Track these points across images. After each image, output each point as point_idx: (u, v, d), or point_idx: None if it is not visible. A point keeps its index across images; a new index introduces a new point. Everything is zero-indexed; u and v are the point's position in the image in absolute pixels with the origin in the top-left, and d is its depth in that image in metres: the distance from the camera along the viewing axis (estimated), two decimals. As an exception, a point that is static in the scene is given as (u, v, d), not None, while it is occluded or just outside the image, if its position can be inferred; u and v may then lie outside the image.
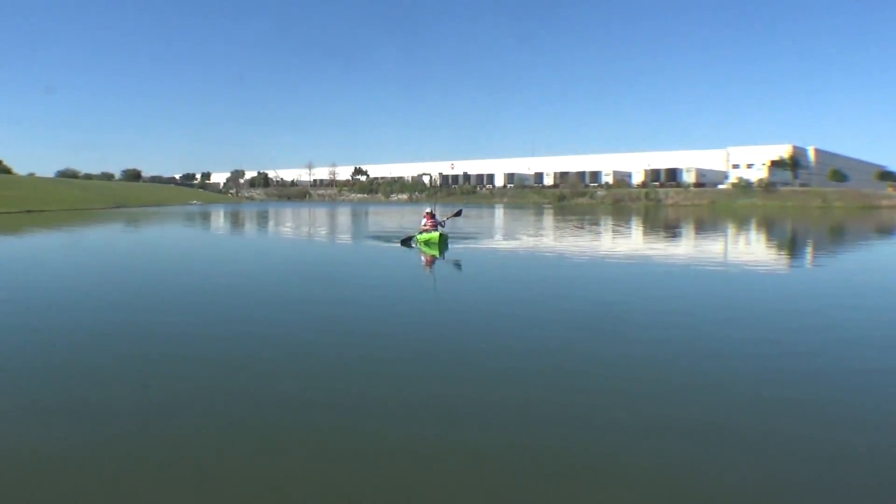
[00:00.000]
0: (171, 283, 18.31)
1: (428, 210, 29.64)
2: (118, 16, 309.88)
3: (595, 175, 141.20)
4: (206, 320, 12.94)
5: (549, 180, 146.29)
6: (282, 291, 16.93)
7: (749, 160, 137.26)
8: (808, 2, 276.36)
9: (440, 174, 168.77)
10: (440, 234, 27.21)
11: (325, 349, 10.46)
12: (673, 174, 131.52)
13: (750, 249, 31.18)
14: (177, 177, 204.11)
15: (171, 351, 10.30)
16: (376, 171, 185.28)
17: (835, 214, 75.82)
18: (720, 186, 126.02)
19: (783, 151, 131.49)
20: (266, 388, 8.42)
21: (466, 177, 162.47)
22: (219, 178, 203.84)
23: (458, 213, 34.36)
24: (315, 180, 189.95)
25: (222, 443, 6.77)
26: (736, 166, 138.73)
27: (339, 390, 8.34)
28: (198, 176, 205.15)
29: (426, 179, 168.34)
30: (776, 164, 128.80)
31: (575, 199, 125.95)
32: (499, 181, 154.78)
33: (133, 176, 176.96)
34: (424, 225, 28.77)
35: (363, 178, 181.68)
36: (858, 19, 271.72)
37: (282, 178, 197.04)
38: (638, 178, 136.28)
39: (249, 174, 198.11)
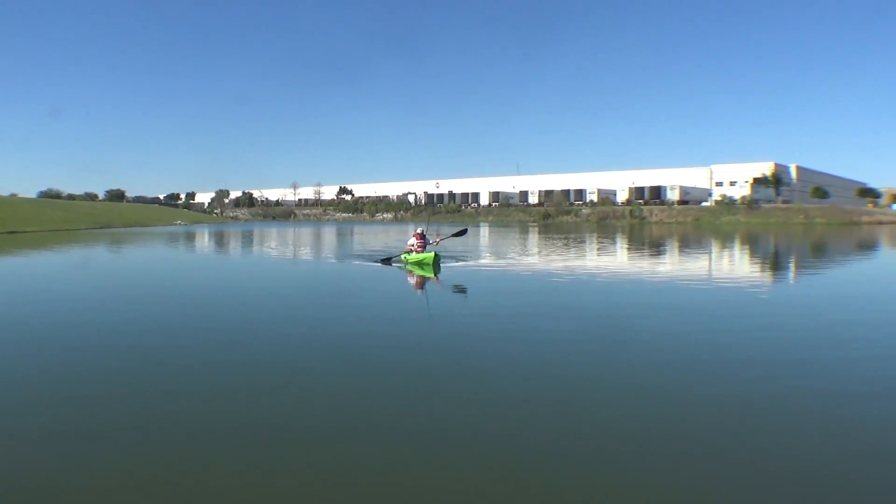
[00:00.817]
0: (158, 304, 18.06)
1: (419, 230, 28.94)
2: (100, 40, 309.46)
3: (580, 193, 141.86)
4: (196, 341, 12.69)
5: (534, 199, 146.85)
6: (270, 311, 16.73)
7: (732, 178, 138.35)
8: (788, 22, 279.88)
9: (425, 193, 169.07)
10: (435, 255, 26.81)
11: (317, 367, 10.41)
12: (657, 192, 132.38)
13: (734, 266, 31.30)
14: (161, 197, 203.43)
15: (160, 370, 10.17)
16: (361, 190, 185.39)
17: (817, 231, 76.35)
18: (704, 204, 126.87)
19: (766, 169, 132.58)
20: (256, 407, 8.36)
21: (452, 195, 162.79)
22: (203, 197, 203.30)
23: (463, 233, 33.42)
24: (300, 200, 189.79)
25: (212, 460, 6.74)
26: (719, 184, 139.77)
27: (333, 409, 8.30)
28: (182, 196, 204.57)
29: (411, 198, 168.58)
30: (759, 182, 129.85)
31: (560, 217, 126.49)
32: (484, 200, 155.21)
33: (117, 196, 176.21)
34: (413, 245, 28.11)
35: (348, 197, 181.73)
36: (839, 39, 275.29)
37: (266, 198, 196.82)
38: (622, 196, 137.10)
39: (234, 194, 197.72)
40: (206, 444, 7.15)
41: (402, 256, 28.34)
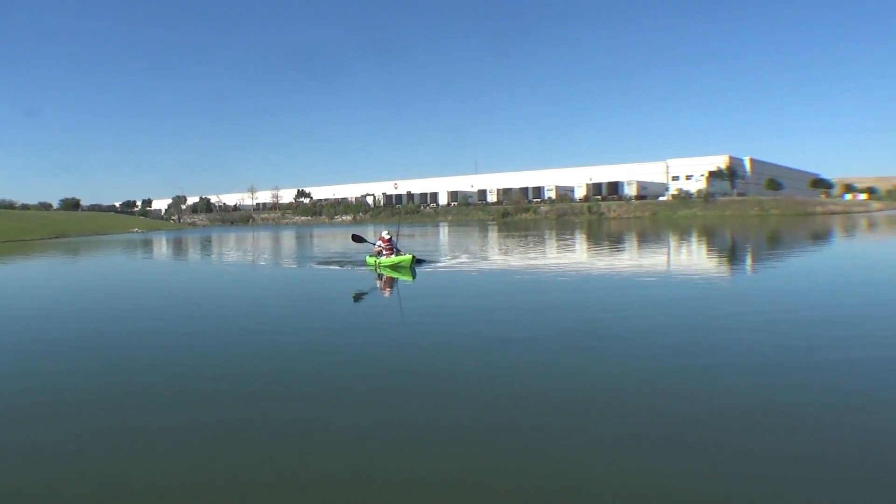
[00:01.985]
0: (134, 318, 17.42)
1: (385, 234, 28.02)
2: (55, 46, 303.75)
3: (538, 190, 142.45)
4: (175, 347, 12.67)
5: (492, 197, 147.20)
6: (242, 318, 16.42)
7: (688, 172, 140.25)
8: (741, 19, 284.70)
9: (384, 194, 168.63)
10: (413, 257, 26.26)
11: (298, 369, 10.49)
12: (614, 187, 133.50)
13: (691, 259, 31.52)
14: (117, 204, 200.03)
15: (143, 382, 10.05)
16: (319, 192, 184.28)
17: (772, 222, 77.56)
18: (661, 198, 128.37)
19: (720, 162, 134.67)
20: (238, 409, 8.47)
21: (410, 196, 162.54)
22: (160, 204, 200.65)
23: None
24: (258, 204, 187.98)
25: (195, 468, 6.74)
26: (676, 178, 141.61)
27: (318, 408, 8.41)
28: (138, 203, 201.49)
29: (370, 200, 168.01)
30: (714, 175, 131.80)
31: (518, 214, 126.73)
32: (443, 199, 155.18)
33: (72, 205, 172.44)
34: (380, 248, 27.35)
35: (306, 200, 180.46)
36: (791, 34, 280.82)
37: (224, 203, 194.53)
38: (580, 193, 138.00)
39: (191, 200, 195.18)
40: (191, 447, 7.28)
41: (372, 260, 27.60)
